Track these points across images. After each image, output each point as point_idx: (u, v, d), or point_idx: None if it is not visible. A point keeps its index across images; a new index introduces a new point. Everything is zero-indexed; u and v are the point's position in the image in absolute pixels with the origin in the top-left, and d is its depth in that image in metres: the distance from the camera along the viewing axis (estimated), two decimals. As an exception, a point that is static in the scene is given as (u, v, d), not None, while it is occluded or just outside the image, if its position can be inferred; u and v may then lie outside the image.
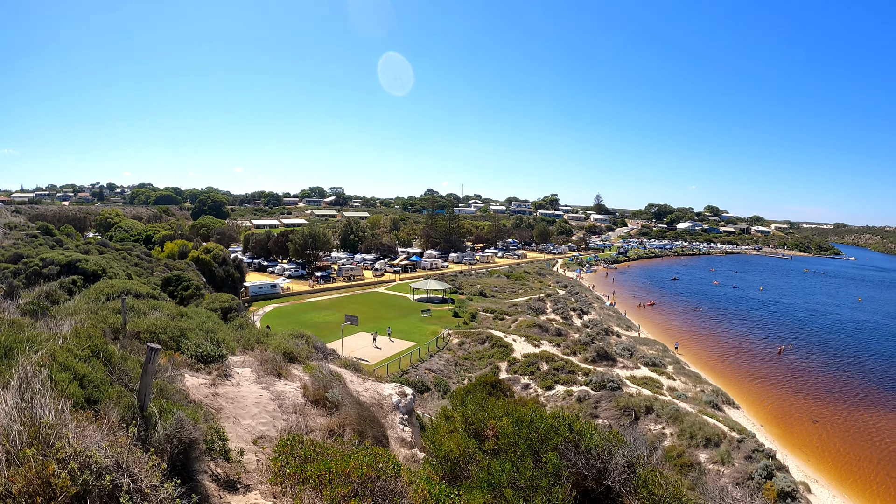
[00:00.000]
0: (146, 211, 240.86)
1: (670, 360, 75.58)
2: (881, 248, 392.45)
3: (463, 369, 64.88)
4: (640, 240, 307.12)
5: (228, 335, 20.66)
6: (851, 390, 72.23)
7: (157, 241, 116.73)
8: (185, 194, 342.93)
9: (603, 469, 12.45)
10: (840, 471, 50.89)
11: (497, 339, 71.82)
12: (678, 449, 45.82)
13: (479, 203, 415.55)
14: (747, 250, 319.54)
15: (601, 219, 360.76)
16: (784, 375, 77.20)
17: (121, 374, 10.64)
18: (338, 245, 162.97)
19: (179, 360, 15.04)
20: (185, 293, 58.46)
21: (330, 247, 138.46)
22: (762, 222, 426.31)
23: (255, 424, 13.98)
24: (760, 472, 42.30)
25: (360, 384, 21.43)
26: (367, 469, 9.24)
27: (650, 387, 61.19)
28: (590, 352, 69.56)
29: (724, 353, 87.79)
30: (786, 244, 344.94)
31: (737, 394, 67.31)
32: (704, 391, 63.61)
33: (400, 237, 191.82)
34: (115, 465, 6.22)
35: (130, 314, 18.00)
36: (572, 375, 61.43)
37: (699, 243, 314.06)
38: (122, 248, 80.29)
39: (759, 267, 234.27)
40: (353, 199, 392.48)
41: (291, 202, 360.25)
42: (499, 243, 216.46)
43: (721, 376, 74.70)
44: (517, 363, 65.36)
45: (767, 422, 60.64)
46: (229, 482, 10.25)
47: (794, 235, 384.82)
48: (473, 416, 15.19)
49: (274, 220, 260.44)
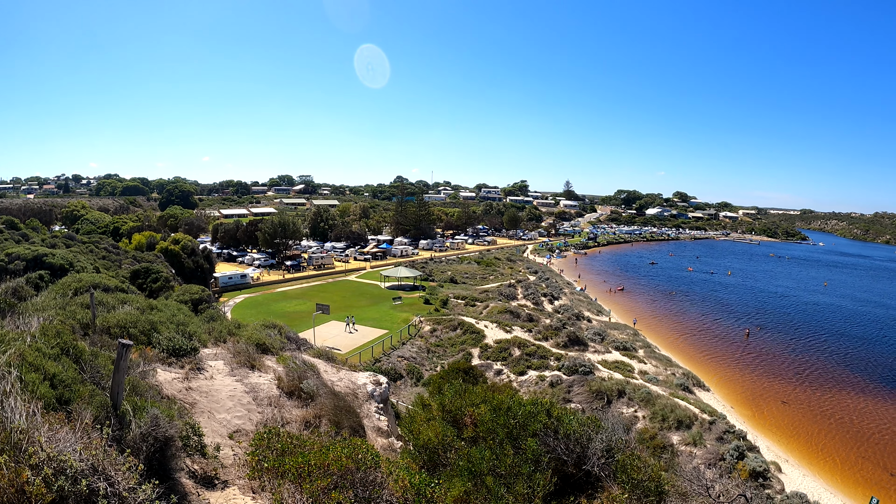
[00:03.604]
0: (113, 202, 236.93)
1: (641, 344, 76.38)
2: (847, 233, 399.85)
3: (435, 356, 64.91)
4: (610, 225, 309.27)
5: (200, 327, 20.37)
6: (818, 372, 73.76)
7: (125, 232, 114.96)
8: (152, 185, 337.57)
9: (582, 454, 12.48)
10: (809, 450, 51.97)
11: (469, 326, 71.94)
12: (651, 431, 46.31)
13: (449, 190, 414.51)
14: (716, 235, 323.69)
15: (571, 205, 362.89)
16: (753, 358, 78.55)
17: (92, 371, 10.41)
18: (307, 233, 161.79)
19: (151, 354, 14.78)
20: (154, 286, 57.83)
21: (300, 235, 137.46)
22: (730, 208, 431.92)
23: (231, 418, 13.81)
24: (732, 452, 42.93)
25: (335, 374, 21.31)
26: (346, 460, 9.17)
27: (622, 371, 61.78)
28: (561, 337, 69.93)
29: (692, 337, 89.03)
30: (753, 230, 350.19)
31: (707, 376, 68.34)
32: (675, 374, 64.44)
33: (370, 225, 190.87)
34: (90, 469, 6.07)
35: (100, 309, 17.67)
36: (544, 360, 61.76)
37: (668, 229, 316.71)
38: (89, 240, 78.95)
39: (727, 252, 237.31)
40: (322, 187, 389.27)
41: (260, 191, 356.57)
42: (469, 230, 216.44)
43: (691, 359, 75.76)
44: (489, 349, 65.53)
45: (737, 403, 61.64)
46: (207, 478, 10.10)
47: (761, 221, 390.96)
48: (451, 404, 15.14)
49: (243, 209, 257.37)
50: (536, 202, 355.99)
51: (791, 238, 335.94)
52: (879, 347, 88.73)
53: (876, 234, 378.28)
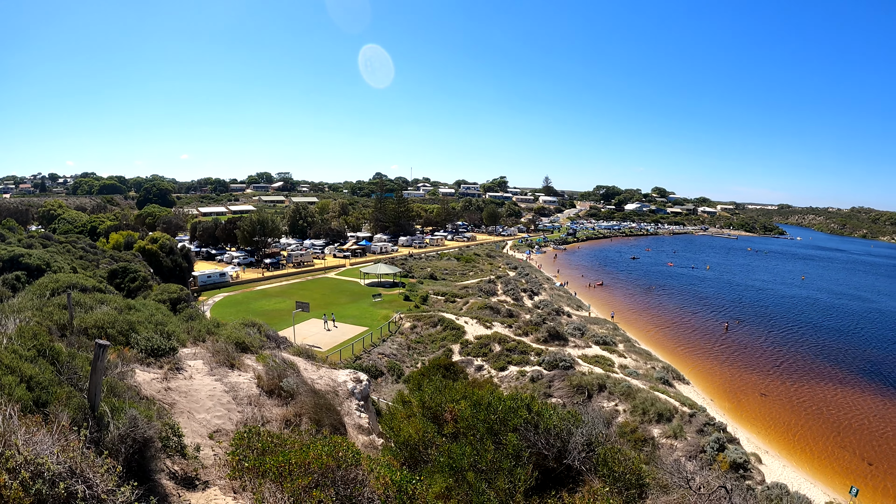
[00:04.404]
0: (90, 201, 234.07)
1: (621, 339, 76.85)
2: (824, 228, 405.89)
3: (416, 353, 64.90)
4: (589, 221, 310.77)
5: (178, 327, 20.25)
6: (796, 364, 74.75)
7: (102, 231, 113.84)
8: (129, 183, 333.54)
9: (563, 448, 12.57)
10: (788, 441, 52.66)
11: (449, 322, 71.98)
12: (632, 425, 46.64)
13: (428, 186, 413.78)
14: (694, 230, 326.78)
15: (550, 200, 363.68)
16: (732, 351, 79.39)
17: (70, 373, 10.33)
18: (286, 231, 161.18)
19: (129, 355, 14.67)
20: (132, 285, 57.36)
21: (279, 233, 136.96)
22: (708, 203, 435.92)
23: (211, 418, 13.75)
24: (712, 444, 43.37)
25: (315, 372, 21.28)
26: (326, 459, 9.17)
27: (602, 365, 62.13)
28: (541, 332, 70.17)
29: (672, 331, 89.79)
30: (732, 224, 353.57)
31: (687, 369, 68.96)
32: (655, 368, 64.89)
33: (349, 222, 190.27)
34: (68, 472, 6.04)
35: (77, 309, 17.50)
36: (525, 356, 61.95)
37: (647, 224, 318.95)
38: (66, 240, 78.04)
39: (706, 247, 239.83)
40: (301, 185, 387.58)
41: (238, 189, 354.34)
42: (448, 226, 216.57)
43: (671, 353, 76.40)
44: (470, 345, 65.62)
45: (717, 396, 62.25)
46: (187, 479, 10.06)
47: (739, 216, 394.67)
48: (431, 401, 15.19)
49: (221, 207, 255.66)
50: (516, 198, 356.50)
51: (769, 232, 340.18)
52: (855, 339, 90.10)
53: (853, 228, 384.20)
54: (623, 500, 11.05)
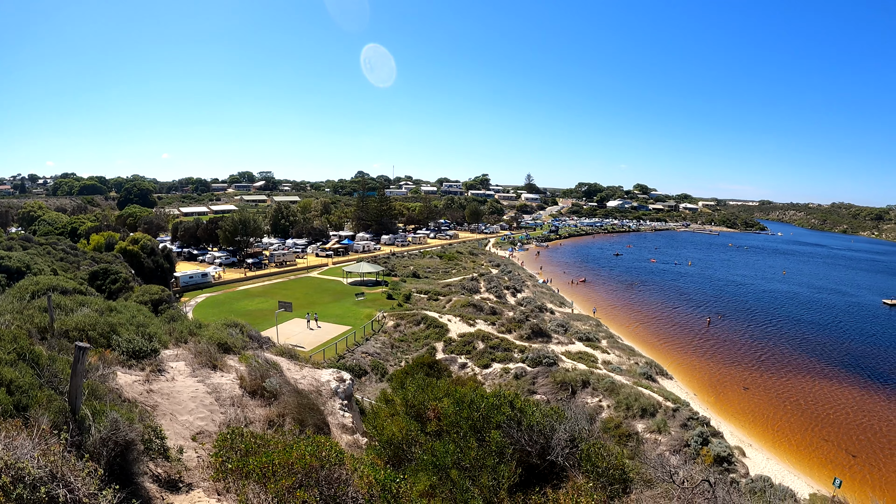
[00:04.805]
0: (70, 202, 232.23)
1: (604, 335, 77.26)
2: (805, 223, 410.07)
3: (399, 351, 64.93)
4: (571, 218, 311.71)
5: (160, 328, 20.10)
6: (778, 357, 75.68)
7: (83, 233, 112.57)
8: (110, 183, 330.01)
9: (546, 445, 12.60)
10: (772, 434, 53.31)
11: (432, 320, 72.05)
12: (616, 420, 46.90)
13: (411, 184, 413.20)
14: (676, 227, 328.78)
15: (532, 198, 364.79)
16: (714, 345, 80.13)
17: (50, 376, 10.25)
18: (269, 231, 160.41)
19: (110, 357, 14.57)
20: (113, 287, 56.95)
21: (261, 233, 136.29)
22: (690, 199, 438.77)
23: (193, 420, 13.71)
24: (696, 438, 43.72)
25: (298, 371, 21.24)
26: (310, 459, 9.17)
27: (585, 361, 62.43)
28: (525, 329, 70.41)
29: (655, 326, 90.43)
30: (713, 220, 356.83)
31: (669, 364, 69.51)
32: (638, 363, 65.34)
33: (331, 221, 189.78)
34: (49, 476, 6.01)
35: (58, 312, 17.36)
36: (508, 353, 62.15)
37: (629, 221, 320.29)
38: (46, 242, 77.27)
39: (688, 243, 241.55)
40: (282, 184, 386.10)
41: (220, 188, 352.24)
42: (431, 224, 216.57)
43: (654, 348, 77.00)
44: (453, 343, 65.75)
45: (700, 390, 62.78)
46: (171, 482, 10.03)
47: (721, 212, 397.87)
48: (414, 399, 15.18)
49: (203, 206, 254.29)
50: (498, 196, 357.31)
51: (750, 228, 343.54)
52: (835, 333, 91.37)
53: (833, 223, 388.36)
54: (607, 495, 11.10)
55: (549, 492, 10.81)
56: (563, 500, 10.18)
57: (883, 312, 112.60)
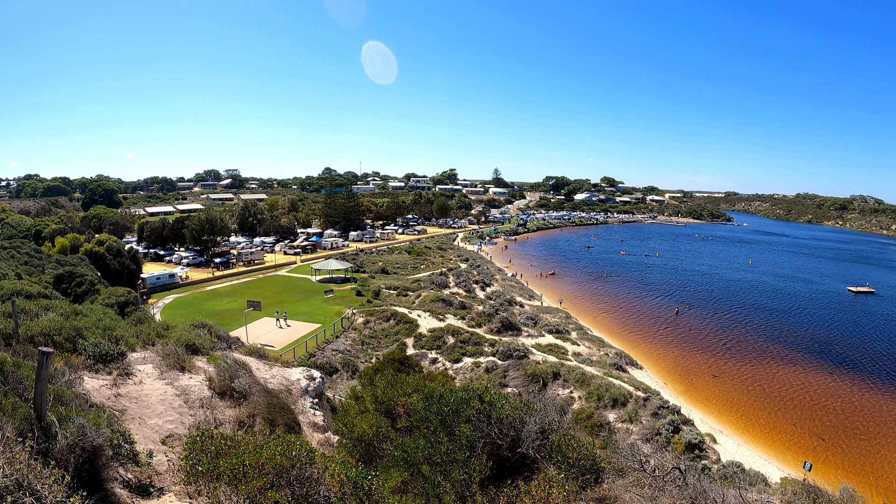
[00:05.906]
0: (34, 204, 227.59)
1: (574, 327, 77.85)
2: (770, 213, 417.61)
3: (370, 348, 64.88)
4: (539, 211, 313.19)
5: (127, 331, 19.89)
6: (746, 345, 77.07)
7: (48, 235, 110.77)
8: (74, 184, 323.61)
9: (517, 437, 12.70)
10: (742, 420, 54.31)
11: (402, 316, 72.10)
12: (587, 411, 47.38)
13: (378, 180, 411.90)
14: (643, 219, 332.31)
15: (500, 192, 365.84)
16: (683, 335, 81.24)
17: (15, 383, 10.12)
18: (236, 229, 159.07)
19: (77, 361, 14.40)
20: (79, 290, 56.27)
21: (228, 231, 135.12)
22: (657, 192, 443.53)
23: (163, 423, 13.61)
24: (667, 427, 44.34)
25: (267, 371, 21.15)
26: (280, 458, 9.17)
27: (556, 353, 62.93)
28: (494, 323, 70.72)
29: (624, 317, 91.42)
30: (680, 212, 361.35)
31: (639, 355, 70.33)
32: (608, 354, 66.00)
33: (299, 218, 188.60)
34: (15, 485, 5.96)
35: (22, 317, 17.14)
36: (479, 347, 62.41)
37: (597, 213, 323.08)
38: (10, 245, 76.23)
39: (655, 234, 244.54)
40: (249, 182, 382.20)
41: (186, 187, 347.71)
42: (399, 220, 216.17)
43: (624, 339, 77.82)
44: (424, 338, 65.84)
45: (670, 379, 63.62)
46: (141, 487, 9.97)
47: (687, 204, 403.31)
48: (383, 395, 15.22)
49: (169, 206, 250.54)
50: (466, 190, 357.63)
51: (716, 219, 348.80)
52: (800, 319, 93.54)
53: (798, 213, 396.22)
54: (578, 485, 11.24)
55: (520, 484, 10.90)
56: (535, 491, 10.28)
57: (847, 299, 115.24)
